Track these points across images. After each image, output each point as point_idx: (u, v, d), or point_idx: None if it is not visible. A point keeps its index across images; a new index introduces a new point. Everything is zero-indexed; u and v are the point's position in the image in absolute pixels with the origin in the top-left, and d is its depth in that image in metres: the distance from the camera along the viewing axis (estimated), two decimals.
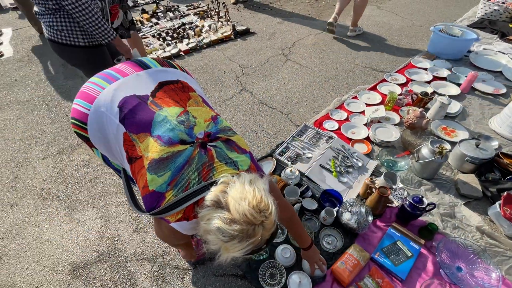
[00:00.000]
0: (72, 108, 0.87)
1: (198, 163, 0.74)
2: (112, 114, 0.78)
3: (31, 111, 2.39)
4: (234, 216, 0.65)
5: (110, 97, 0.80)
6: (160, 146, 0.74)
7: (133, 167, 0.79)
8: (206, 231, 0.69)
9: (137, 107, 0.78)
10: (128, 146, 0.78)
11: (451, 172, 1.76)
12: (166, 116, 0.77)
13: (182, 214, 0.74)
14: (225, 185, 0.69)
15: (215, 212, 0.67)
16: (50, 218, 1.63)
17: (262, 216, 0.67)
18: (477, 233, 1.45)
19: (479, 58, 2.75)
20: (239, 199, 0.66)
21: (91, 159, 1.97)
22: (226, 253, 0.69)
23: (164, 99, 0.81)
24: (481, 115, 2.18)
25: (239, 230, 0.65)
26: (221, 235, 0.66)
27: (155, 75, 0.86)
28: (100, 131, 0.81)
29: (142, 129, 0.76)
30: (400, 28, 3.58)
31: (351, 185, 1.70)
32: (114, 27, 1.89)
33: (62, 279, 1.38)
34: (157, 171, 0.73)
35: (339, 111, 2.25)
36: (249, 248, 0.68)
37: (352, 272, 1.25)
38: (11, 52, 3.24)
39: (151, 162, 0.74)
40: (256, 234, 0.66)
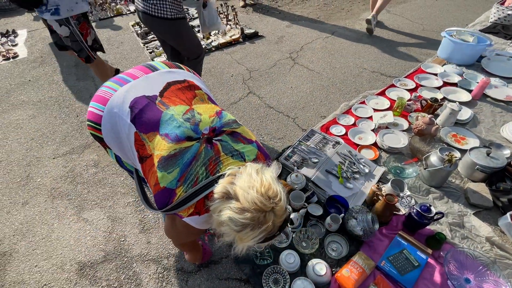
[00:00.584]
0: (88, 111, 0.91)
1: (205, 158, 0.76)
2: (124, 114, 0.81)
3: (43, 111, 2.46)
4: (244, 205, 0.67)
5: (122, 98, 0.83)
6: (168, 144, 0.76)
7: (144, 166, 0.82)
8: (219, 223, 0.71)
9: (147, 107, 0.81)
10: (139, 145, 0.81)
11: (460, 181, 1.73)
12: (173, 115, 0.80)
13: (194, 209, 0.76)
14: (232, 176, 0.71)
15: (225, 203, 0.69)
16: (59, 217, 1.67)
17: (271, 203, 0.68)
18: (487, 244, 1.42)
19: (492, 64, 2.70)
20: (247, 188, 0.68)
21: (100, 159, 2.01)
22: (240, 243, 0.71)
23: (171, 98, 0.84)
24: (493, 122, 2.13)
25: (250, 218, 0.67)
26: (233, 225, 0.68)
27: (163, 76, 0.90)
28: (113, 131, 0.84)
29: (151, 128, 0.79)
30: (410, 33, 3.54)
31: (357, 191, 1.68)
32: (90, 44, 2.04)
33: (70, 278, 1.40)
34: (167, 168, 0.76)
35: (346, 116, 2.23)
36: (262, 236, 0.69)
37: (357, 280, 1.24)
38: (25, 53, 3.33)
39: (160, 160, 0.76)
40: (267, 221, 0.68)
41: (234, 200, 0.68)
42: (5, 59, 3.20)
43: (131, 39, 3.58)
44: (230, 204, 0.68)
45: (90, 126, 0.90)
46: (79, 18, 1.92)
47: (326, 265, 1.31)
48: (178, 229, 0.88)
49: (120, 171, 1.91)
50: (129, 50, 3.35)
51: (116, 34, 3.72)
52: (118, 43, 3.51)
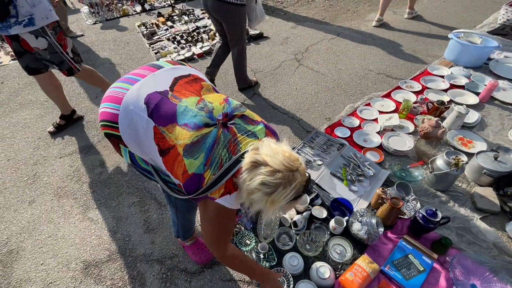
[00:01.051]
0: (101, 112, 0.93)
1: (225, 141, 0.82)
2: (140, 110, 0.85)
3: (50, 111, 2.49)
4: (274, 167, 0.75)
5: (136, 96, 0.87)
6: (189, 132, 0.81)
7: (167, 158, 0.85)
8: (250, 192, 0.77)
9: (161, 101, 0.85)
10: (158, 139, 0.84)
11: (467, 185, 1.70)
12: (187, 106, 0.85)
13: (224, 189, 0.82)
14: (255, 150, 0.79)
15: (256, 170, 0.76)
16: (65, 215, 1.69)
17: (296, 163, 0.78)
18: (494, 250, 1.40)
19: (500, 66, 2.66)
20: (273, 154, 0.76)
21: (105, 159, 2.03)
22: (271, 207, 0.78)
23: (181, 91, 0.90)
24: (501, 125, 2.10)
25: (281, 178, 0.74)
26: (266, 188, 0.75)
27: (169, 72, 0.95)
28: (130, 128, 0.88)
29: (169, 121, 0.84)
30: (417, 34, 3.51)
31: (362, 194, 1.67)
32: (71, 56, 1.96)
33: (75, 276, 1.42)
34: (193, 154, 0.81)
35: (351, 118, 2.22)
36: (292, 194, 0.77)
37: (361, 284, 1.23)
38: None
39: (185, 148, 0.81)
40: (295, 179, 0.77)
41: (263, 166, 0.75)
42: (13, 59, 3.25)
43: (137, 40, 3.61)
44: (260, 170, 0.75)
45: (105, 126, 0.91)
46: (55, 27, 1.80)
47: (330, 268, 1.31)
48: (212, 216, 0.90)
49: (125, 171, 1.93)
50: (134, 51, 3.38)
51: (122, 34, 3.75)
52: (124, 43, 3.54)
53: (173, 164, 0.84)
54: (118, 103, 0.88)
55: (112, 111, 0.89)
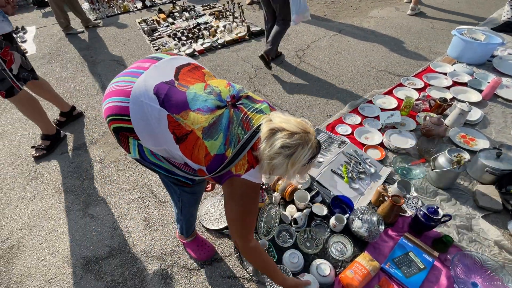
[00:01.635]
0: (108, 108, 0.91)
1: (238, 120, 0.87)
2: (151, 101, 0.86)
3: (51, 107, 2.48)
4: (291, 130, 0.82)
5: (144, 87, 0.88)
6: (204, 116, 0.85)
7: (185, 144, 0.87)
8: (271, 158, 0.82)
9: (170, 91, 0.87)
10: (174, 127, 0.86)
11: (469, 183, 1.69)
12: (196, 92, 0.88)
13: (247, 164, 0.86)
14: (269, 121, 0.85)
15: (274, 137, 0.82)
16: (66, 212, 1.69)
17: (308, 126, 0.86)
18: (495, 248, 1.39)
19: (503, 63, 2.63)
20: (286, 120, 0.84)
21: (106, 156, 2.03)
22: (291, 169, 0.84)
23: (186, 79, 0.92)
24: (504, 123, 2.08)
25: (299, 138, 0.82)
26: (286, 150, 0.81)
27: (169, 62, 0.97)
28: (143, 120, 0.88)
29: (182, 108, 0.86)
30: (420, 31, 3.47)
31: (363, 192, 1.66)
32: (15, 73, 1.75)
33: (75, 272, 1.42)
34: (212, 136, 0.84)
35: (352, 115, 2.21)
36: (309, 154, 0.84)
37: (361, 282, 1.23)
38: (34, 50, 3.37)
39: (204, 131, 0.84)
40: (310, 139, 0.84)
41: (279, 131, 0.82)
42: None
43: (138, 36, 3.60)
44: (278, 135, 0.81)
45: (115, 120, 0.90)
46: (0, 42, 1.64)
47: (330, 266, 1.30)
48: (239, 195, 0.92)
49: (125, 168, 1.93)
50: (135, 47, 3.36)
51: (123, 31, 3.74)
52: (125, 40, 3.53)
53: (193, 149, 0.87)
54: (127, 95, 0.88)
55: (121, 104, 0.89)
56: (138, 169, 1.92)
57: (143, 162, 1.01)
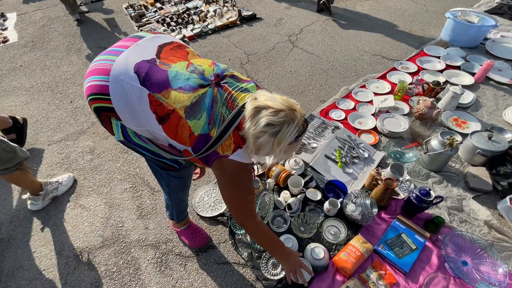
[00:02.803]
0: (88, 86, 0.89)
1: (222, 98, 0.84)
2: (131, 80, 0.84)
3: (36, 97, 2.40)
4: (276, 107, 0.79)
5: (124, 65, 0.85)
6: (186, 94, 0.82)
7: (168, 124, 0.85)
8: (256, 137, 0.80)
9: (151, 69, 0.85)
10: (155, 106, 0.84)
11: (460, 165, 1.71)
12: (178, 71, 0.86)
13: (234, 143, 0.84)
14: (254, 99, 0.83)
15: (259, 115, 0.79)
16: (56, 203, 1.65)
17: (294, 103, 0.84)
18: (485, 228, 1.42)
19: (496, 46, 2.63)
20: (271, 98, 0.82)
21: (96, 146, 1.98)
22: (277, 148, 0.82)
23: (168, 58, 0.90)
24: (495, 106, 2.09)
25: (284, 116, 0.79)
26: (272, 128, 0.79)
27: (151, 41, 0.94)
28: (122, 98, 0.86)
29: (163, 87, 0.83)
30: (413, 14, 3.43)
31: (356, 176, 1.66)
32: None
33: (68, 263, 1.41)
34: (195, 115, 0.82)
35: (346, 100, 2.19)
36: (295, 132, 0.82)
37: (354, 263, 1.24)
38: (16, 38, 3.22)
39: (186, 110, 0.82)
40: (296, 116, 0.82)
41: (265, 109, 0.80)
42: None
43: (125, 22, 3.46)
44: (263, 113, 0.79)
45: (95, 100, 0.88)
46: None
47: (324, 249, 1.31)
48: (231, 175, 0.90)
49: (116, 157, 1.89)
50: (122, 34, 3.24)
51: (109, 17, 3.59)
52: (112, 26, 3.39)
53: (176, 129, 0.84)
54: (106, 74, 0.85)
55: (101, 83, 0.86)
56: (130, 158, 1.88)
57: (128, 144, 0.98)
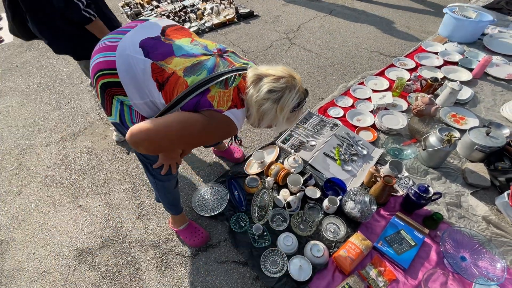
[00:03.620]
0: (96, 64, 0.92)
1: (224, 66, 0.88)
2: (136, 53, 0.87)
3: (33, 98, 2.38)
4: (277, 74, 0.85)
5: (130, 42, 0.90)
6: (188, 59, 0.86)
7: (167, 88, 0.86)
8: (259, 105, 0.85)
9: (155, 43, 0.89)
10: (156, 74, 0.86)
11: (459, 161, 1.71)
12: (181, 44, 0.90)
13: (231, 102, 0.86)
14: (255, 68, 0.88)
15: (260, 83, 0.85)
16: (55, 204, 1.65)
17: (293, 71, 0.89)
18: (483, 223, 1.43)
19: (494, 42, 2.62)
20: (272, 67, 0.88)
21: (94, 146, 1.97)
22: (281, 114, 0.87)
23: (172, 35, 0.94)
24: (493, 101, 2.09)
25: (285, 82, 0.85)
26: (274, 94, 0.84)
27: (156, 23, 0.98)
28: (128, 72, 0.88)
29: (167, 55, 0.87)
30: (411, 10, 3.42)
31: (355, 173, 1.67)
32: None
33: (68, 264, 1.41)
34: (194, 72, 0.84)
35: (344, 97, 2.19)
36: (297, 98, 0.87)
37: (354, 260, 1.25)
38: (11, 38, 3.19)
39: (185, 69, 0.85)
40: (297, 83, 0.87)
41: (266, 77, 0.85)
42: None
43: (122, 21, 3.43)
44: (264, 81, 0.84)
45: (103, 75, 0.90)
46: None
47: (324, 246, 1.32)
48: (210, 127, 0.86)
49: (114, 158, 1.88)
50: None
51: None
52: None
53: (173, 90, 0.85)
54: (113, 50, 0.89)
55: (108, 59, 0.89)
56: (128, 158, 1.88)
57: (121, 128, 0.99)
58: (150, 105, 0.93)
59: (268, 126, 0.96)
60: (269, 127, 0.99)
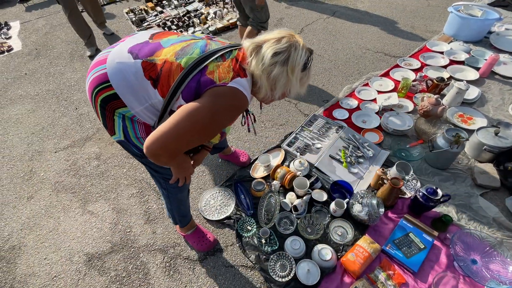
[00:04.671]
0: (90, 82, 0.91)
1: (216, 45, 0.87)
2: (125, 59, 0.86)
3: (41, 105, 2.43)
4: (276, 36, 0.83)
5: (119, 51, 0.89)
6: (177, 45, 0.85)
7: (162, 80, 0.83)
8: (268, 72, 0.82)
9: (143, 45, 0.89)
10: (149, 71, 0.84)
11: (467, 162, 1.69)
12: (169, 38, 0.90)
13: (233, 72, 0.82)
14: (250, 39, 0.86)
15: (261, 50, 0.82)
16: (65, 210, 1.68)
17: (291, 31, 0.86)
18: (494, 225, 1.41)
19: (501, 40, 2.59)
20: (267, 33, 0.86)
21: (102, 152, 2.00)
22: (292, 76, 0.83)
23: (159, 36, 0.94)
24: (501, 100, 2.06)
25: (287, 41, 0.82)
26: (280, 56, 0.81)
27: (145, 32, 0.98)
28: (121, 80, 0.86)
29: (156, 49, 0.86)
30: (415, 9, 3.39)
31: (362, 176, 1.66)
32: None
33: (79, 269, 1.43)
34: (187, 53, 0.83)
35: (349, 99, 2.18)
36: (304, 54, 0.84)
37: (362, 264, 1.24)
38: (20, 46, 3.26)
39: (176, 54, 0.83)
40: (298, 40, 0.84)
41: (265, 43, 0.82)
42: (0, 52, 3.15)
43: (126, 27, 3.48)
44: (265, 46, 0.82)
45: (99, 91, 0.89)
46: None
47: (332, 250, 1.31)
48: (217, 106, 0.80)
49: (122, 163, 1.91)
50: None
51: (111, 22, 3.61)
52: (113, 31, 3.41)
53: (169, 78, 0.83)
54: (104, 63, 0.89)
55: (100, 73, 0.89)
56: (135, 163, 1.90)
57: (127, 145, 0.99)
58: (150, 109, 0.89)
59: (281, 96, 0.91)
60: (282, 97, 0.93)
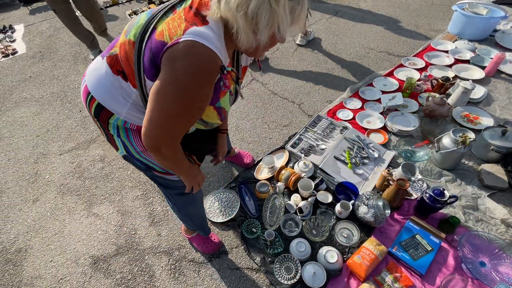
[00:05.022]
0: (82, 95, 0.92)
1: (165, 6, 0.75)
2: (99, 63, 0.85)
3: (46, 108, 2.44)
4: None
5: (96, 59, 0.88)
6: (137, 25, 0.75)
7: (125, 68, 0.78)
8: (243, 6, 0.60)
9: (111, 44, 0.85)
10: (115, 66, 0.79)
11: (474, 162, 1.67)
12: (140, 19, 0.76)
13: (185, 22, 0.66)
14: None
15: None
16: (70, 212, 1.69)
17: None
18: (502, 226, 1.39)
19: (506, 38, 2.56)
20: None
21: (106, 154, 2.00)
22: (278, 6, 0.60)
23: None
24: (508, 100, 2.04)
25: None
26: None
27: None
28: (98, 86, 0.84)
29: (117, 40, 0.83)
30: (419, 8, 3.37)
31: (367, 177, 1.65)
32: None
33: (84, 271, 1.43)
34: (133, 25, 0.75)
35: (353, 99, 2.17)
36: None
37: (369, 266, 1.23)
38: (24, 49, 3.29)
39: (126, 31, 0.77)
40: None
41: None
42: (4, 56, 3.17)
43: None
44: None
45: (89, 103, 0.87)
46: None
47: (337, 252, 1.31)
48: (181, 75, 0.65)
49: (126, 165, 1.91)
50: None
51: (113, 24, 3.63)
52: (116, 34, 3.42)
53: (128, 62, 0.75)
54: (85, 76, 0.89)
55: (83, 86, 0.89)
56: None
57: (131, 160, 0.98)
58: (134, 108, 0.83)
59: (271, 40, 0.69)
60: (273, 43, 0.71)
